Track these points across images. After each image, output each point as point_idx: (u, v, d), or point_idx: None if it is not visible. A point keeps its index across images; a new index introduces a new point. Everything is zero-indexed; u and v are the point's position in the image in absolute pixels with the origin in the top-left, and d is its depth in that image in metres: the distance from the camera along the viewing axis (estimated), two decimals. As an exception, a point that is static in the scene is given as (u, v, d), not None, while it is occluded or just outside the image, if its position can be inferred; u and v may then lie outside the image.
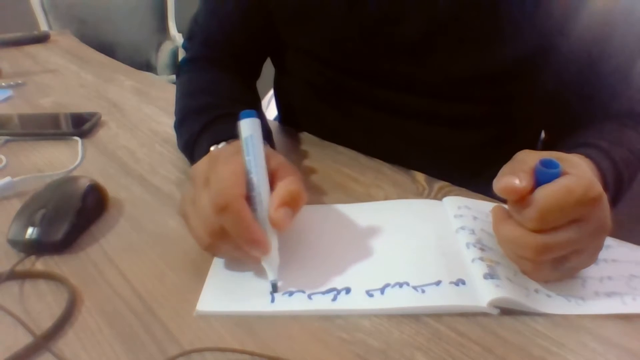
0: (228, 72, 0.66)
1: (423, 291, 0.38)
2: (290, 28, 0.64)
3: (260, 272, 0.41)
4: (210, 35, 0.68)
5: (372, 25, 0.57)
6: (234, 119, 0.42)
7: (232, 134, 0.44)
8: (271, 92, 0.98)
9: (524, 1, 0.51)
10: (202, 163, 0.42)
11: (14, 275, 0.41)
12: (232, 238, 0.38)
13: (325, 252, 0.43)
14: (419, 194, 0.53)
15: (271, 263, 0.39)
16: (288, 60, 0.70)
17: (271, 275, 0.39)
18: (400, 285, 0.39)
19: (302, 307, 0.37)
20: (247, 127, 0.41)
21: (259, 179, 0.40)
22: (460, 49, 0.55)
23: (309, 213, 0.49)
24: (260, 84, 0.73)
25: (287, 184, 0.40)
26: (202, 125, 0.54)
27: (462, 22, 0.53)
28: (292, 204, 0.39)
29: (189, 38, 0.70)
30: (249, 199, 0.39)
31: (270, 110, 1.05)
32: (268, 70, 0.76)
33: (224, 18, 0.66)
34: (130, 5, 2.15)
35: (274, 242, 0.39)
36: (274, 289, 0.39)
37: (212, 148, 0.49)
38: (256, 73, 0.72)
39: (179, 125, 0.61)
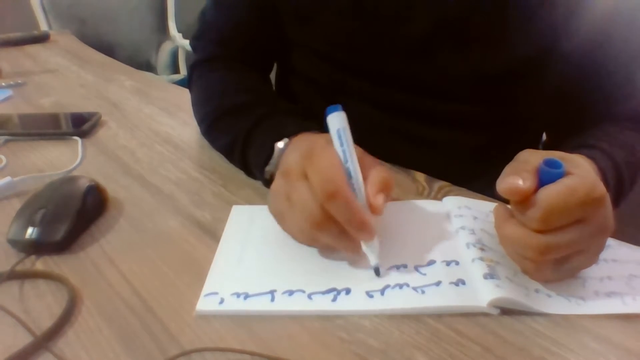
0: (246, 69, 0.67)
1: (423, 292, 0.38)
2: (295, 24, 0.64)
3: (260, 272, 0.41)
4: (220, 30, 0.68)
5: (378, 24, 0.57)
6: (285, 116, 0.45)
7: (293, 130, 0.48)
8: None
9: (530, 2, 0.51)
10: (293, 158, 0.42)
11: (14, 275, 0.41)
12: (334, 227, 0.39)
13: (326, 252, 0.43)
14: (419, 194, 0.53)
15: (373, 247, 0.40)
16: (291, 58, 0.70)
17: (373, 260, 0.40)
18: (400, 286, 0.39)
19: (302, 307, 0.37)
20: (337, 120, 0.42)
21: (354, 168, 0.41)
22: (466, 50, 0.55)
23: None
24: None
25: (380, 172, 0.42)
26: (253, 122, 0.54)
27: (468, 23, 0.53)
28: (386, 190, 0.41)
29: (199, 36, 0.70)
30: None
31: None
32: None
33: (232, 8, 0.66)
34: (130, 5, 2.14)
35: (375, 226, 0.40)
36: (377, 273, 0.40)
37: (277, 144, 0.49)
38: (269, 66, 0.72)
39: (214, 125, 0.61)
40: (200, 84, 0.66)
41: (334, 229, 0.39)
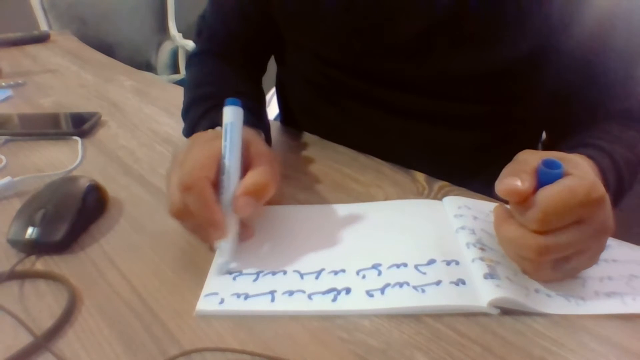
0: (231, 65, 0.68)
1: (423, 291, 0.38)
2: (290, 26, 0.65)
3: (261, 272, 0.41)
4: (215, 31, 0.70)
5: (371, 23, 0.57)
6: None
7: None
8: (273, 90, 0.98)
9: (524, 0, 0.51)
10: (182, 145, 0.44)
11: (14, 275, 0.41)
12: (193, 218, 0.40)
13: (326, 253, 0.43)
14: (419, 194, 0.53)
15: (225, 245, 0.41)
16: (289, 58, 0.71)
17: (220, 257, 0.41)
18: (401, 285, 0.39)
19: (302, 307, 0.37)
20: (229, 114, 0.42)
21: (231, 164, 0.41)
22: (460, 48, 0.55)
23: (309, 213, 0.49)
24: (263, 82, 0.73)
25: (256, 174, 0.42)
26: (202, 112, 0.57)
27: (461, 21, 0.53)
28: (255, 194, 0.41)
29: (198, 34, 0.73)
30: (219, 182, 0.41)
31: (271, 108, 1.05)
32: (271, 68, 0.76)
33: (227, 15, 0.68)
34: (130, 5, 2.14)
35: (232, 226, 0.41)
36: (221, 270, 0.41)
37: None
38: (261, 67, 0.74)
39: (184, 114, 0.63)
40: (188, 75, 0.70)
41: (193, 220, 0.40)
